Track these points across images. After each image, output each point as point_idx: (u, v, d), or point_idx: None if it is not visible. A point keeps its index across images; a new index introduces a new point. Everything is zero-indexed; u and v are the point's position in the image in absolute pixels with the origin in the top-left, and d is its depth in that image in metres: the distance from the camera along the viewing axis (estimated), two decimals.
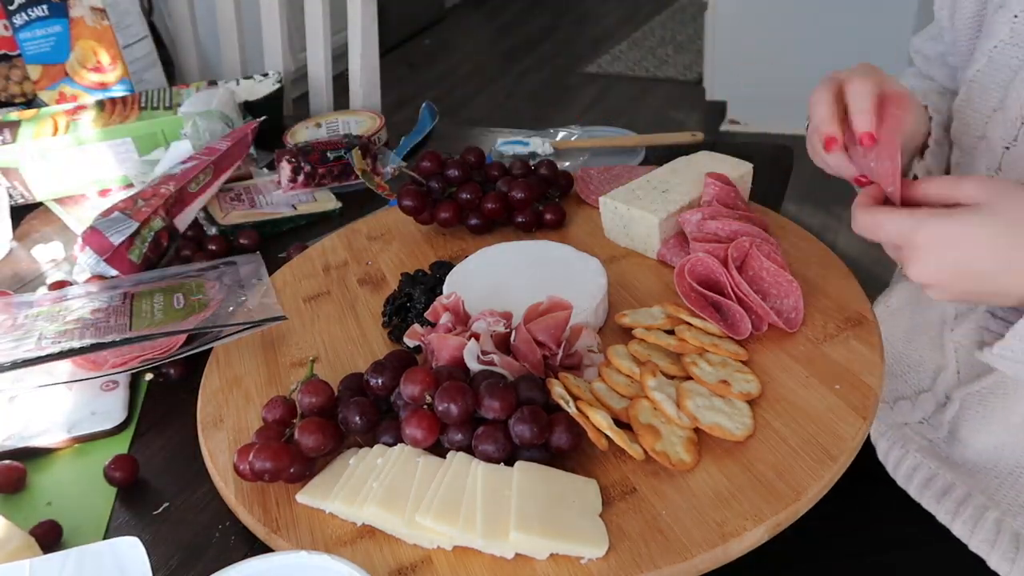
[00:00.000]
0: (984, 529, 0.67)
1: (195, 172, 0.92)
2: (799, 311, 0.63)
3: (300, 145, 1.02)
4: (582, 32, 4.14)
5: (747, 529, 0.48)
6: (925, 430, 0.75)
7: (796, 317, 0.63)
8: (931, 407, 0.74)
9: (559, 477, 0.53)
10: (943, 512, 0.70)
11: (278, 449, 0.56)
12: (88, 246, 0.85)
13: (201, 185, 0.93)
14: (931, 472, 0.72)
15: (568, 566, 0.48)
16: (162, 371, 0.74)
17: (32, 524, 0.58)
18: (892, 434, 0.76)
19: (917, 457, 0.73)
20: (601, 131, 1.10)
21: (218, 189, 0.97)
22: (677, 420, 0.55)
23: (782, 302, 0.64)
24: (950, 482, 0.71)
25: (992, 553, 0.66)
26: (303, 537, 0.53)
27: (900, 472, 0.74)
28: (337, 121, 1.16)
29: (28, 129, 1.07)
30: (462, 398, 0.54)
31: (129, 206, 0.87)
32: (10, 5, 1.19)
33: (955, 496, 0.70)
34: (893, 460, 0.75)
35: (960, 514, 0.69)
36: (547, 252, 0.74)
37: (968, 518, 0.68)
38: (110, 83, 1.24)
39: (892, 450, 0.75)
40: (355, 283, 0.80)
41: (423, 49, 4.15)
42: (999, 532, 0.67)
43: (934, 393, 0.75)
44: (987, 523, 0.67)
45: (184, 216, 0.91)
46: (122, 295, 0.77)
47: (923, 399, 0.75)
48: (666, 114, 3.15)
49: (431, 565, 0.50)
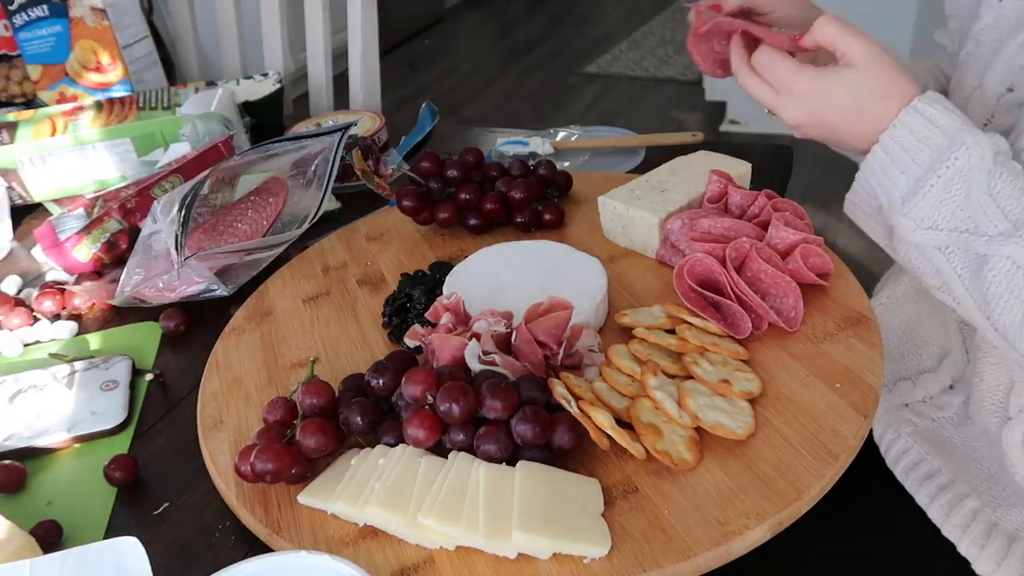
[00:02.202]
0: (959, 515, 0.69)
1: (158, 178, 0.92)
2: (799, 310, 0.63)
3: None
4: (582, 32, 4.13)
5: (749, 528, 0.48)
6: (928, 409, 0.76)
7: (796, 316, 0.63)
8: (935, 388, 0.75)
9: (561, 477, 0.53)
10: (923, 495, 0.72)
11: (279, 450, 0.55)
12: (38, 238, 0.86)
13: (169, 192, 0.93)
14: (919, 456, 0.74)
15: (571, 566, 0.48)
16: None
17: (32, 524, 0.58)
18: (887, 416, 0.78)
19: (908, 441, 0.75)
20: (601, 131, 1.10)
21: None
22: (679, 419, 0.55)
23: (782, 301, 0.64)
24: (937, 468, 0.72)
25: (963, 539, 0.68)
26: (305, 538, 0.53)
27: (890, 455, 0.76)
28: (337, 121, 1.16)
29: (26, 130, 1.07)
30: (464, 398, 0.54)
31: (91, 205, 0.88)
32: (10, 5, 1.19)
33: (938, 481, 0.71)
34: (886, 443, 0.77)
35: (939, 498, 0.70)
36: (546, 252, 0.74)
37: (946, 503, 0.70)
38: (110, 83, 1.24)
39: (886, 433, 0.77)
40: (355, 284, 0.80)
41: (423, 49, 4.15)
42: (974, 520, 0.68)
43: (937, 375, 0.75)
44: (964, 510, 0.69)
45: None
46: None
47: (925, 379, 0.76)
48: (666, 114, 3.15)
49: (433, 565, 0.50)
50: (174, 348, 0.79)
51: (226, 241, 0.81)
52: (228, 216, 0.84)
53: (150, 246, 0.81)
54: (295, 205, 0.85)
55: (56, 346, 0.81)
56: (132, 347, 0.79)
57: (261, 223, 0.83)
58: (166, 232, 0.78)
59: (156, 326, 0.81)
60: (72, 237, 0.85)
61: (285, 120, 1.21)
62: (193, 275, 0.78)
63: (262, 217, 0.84)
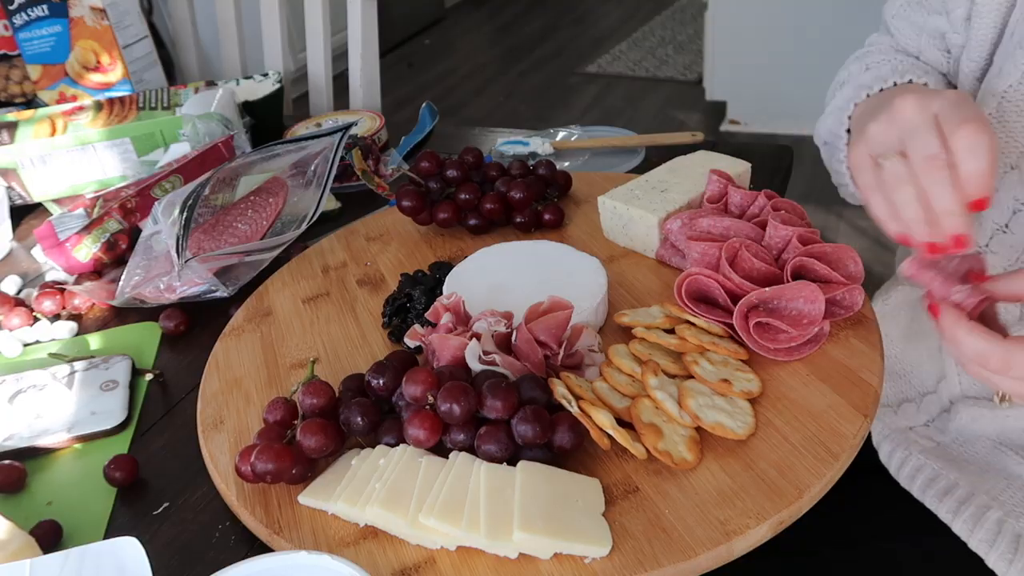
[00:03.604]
0: (984, 528, 0.67)
1: (158, 178, 0.92)
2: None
3: None
4: (582, 32, 4.14)
5: (750, 527, 0.48)
6: (932, 433, 0.75)
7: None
8: (936, 410, 0.74)
9: (562, 477, 0.53)
10: (944, 511, 0.70)
11: (280, 450, 0.55)
12: (38, 238, 0.86)
13: (169, 193, 0.93)
14: (934, 472, 0.72)
15: (572, 566, 0.48)
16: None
17: (32, 524, 0.58)
18: (896, 437, 0.76)
19: (920, 459, 0.73)
20: (601, 131, 1.10)
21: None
22: (679, 419, 0.55)
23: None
24: (953, 481, 0.70)
25: (991, 552, 0.66)
26: (306, 538, 0.53)
27: (903, 474, 0.74)
28: (337, 121, 1.16)
29: (26, 130, 1.07)
30: (464, 398, 0.54)
31: (91, 205, 0.88)
32: (10, 5, 1.19)
33: (957, 495, 0.69)
34: (896, 462, 0.75)
35: (961, 513, 0.68)
36: (546, 252, 0.74)
37: (969, 517, 0.68)
38: (110, 83, 1.24)
39: (895, 453, 0.75)
40: (354, 284, 0.80)
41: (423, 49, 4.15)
42: (1000, 532, 0.66)
43: (939, 396, 0.74)
44: (988, 522, 0.67)
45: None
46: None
47: (928, 401, 0.75)
48: (666, 114, 3.15)
49: (434, 566, 0.50)
50: (174, 348, 0.79)
51: (226, 242, 0.81)
52: (228, 216, 0.84)
53: (150, 247, 0.81)
54: (295, 205, 0.85)
55: (56, 346, 0.81)
56: (132, 347, 0.79)
57: (261, 223, 0.83)
58: (167, 234, 0.78)
59: (156, 326, 0.81)
60: (72, 237, 0.85)
61: (285, 120, 1.21)
62: (194, 276, 0.78)
63: (262, 217, 0.84)
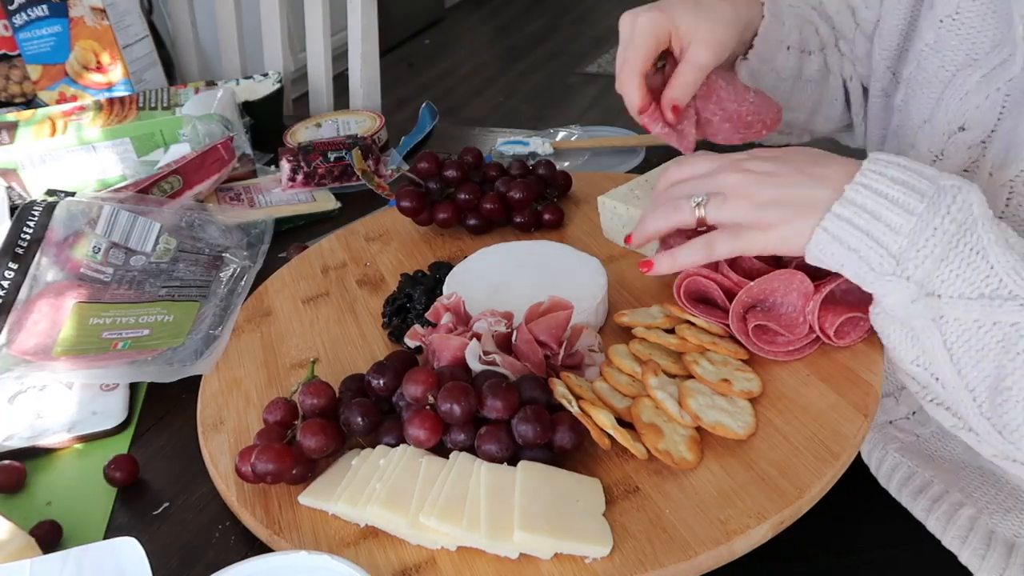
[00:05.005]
0: (957, 526, 0.68)
1: (157, 178, 0.92)
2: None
3: (303, 144, 1.02)
4: (582, 32, 4.14)
5: (751, 527, 0.48)
6: (912, 426, 0.75)
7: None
8: (916, 403, 0.75)
9: (562, 477, 0.53)
10: (919, 509, 0.70)
11: (280, 451, 0.55)
12: None
13: (169, 193, 0.93)
14: (910, 470, 0.72)
15: (572, 565, 0.48)
16: None
17: (32, 524, 0.58)
18: (874, 434, 0.77)
19: (897, 456, 0.74)
20: (601, 131, 1.10)
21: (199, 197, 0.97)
22: (679, 419, 0.55)
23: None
24: (928, 479, 0.71)
25: (963, 549, 0.67)
26: (306, 539, 0.53)
27: (881, 471, 0.75)
28: (337, 121, 1.16)
29: (26, 130, 1.07)
30: (465, 398, 0.54)
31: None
32: (10, 5, 1.19)
33: (931, 493, 0.70)
34: (876, 459, 0.76)
35: (934, 511, 0.69)
36: (546, 252, 0.74)
37: (942, 514, 0.69)
38: (110, 83, 1.24)
39: (874, 450, 0.76)
40: (354, 284, 0.80)
41: (423, 49, 4.15)
42: (972, 529, 0.67)
43: None
44: (960, 519, 0.68)
45: None
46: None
47: (907, 394, 0.75)
48: None
49: (435, 566, 0.50)
50: None
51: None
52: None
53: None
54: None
55: None
56: None
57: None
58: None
59: None
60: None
61: (285, 120, 1.21)
62: None
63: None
